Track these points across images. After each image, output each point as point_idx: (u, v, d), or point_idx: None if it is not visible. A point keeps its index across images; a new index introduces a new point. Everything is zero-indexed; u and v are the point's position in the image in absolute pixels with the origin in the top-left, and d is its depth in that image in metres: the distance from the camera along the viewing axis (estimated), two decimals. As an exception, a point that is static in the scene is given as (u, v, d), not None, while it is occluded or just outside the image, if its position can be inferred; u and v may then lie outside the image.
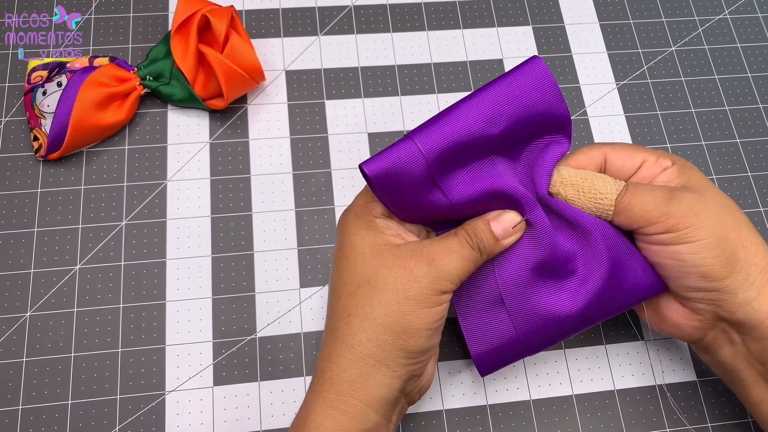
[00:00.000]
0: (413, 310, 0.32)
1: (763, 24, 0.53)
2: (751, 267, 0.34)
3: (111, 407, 0.39)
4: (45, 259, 0.42)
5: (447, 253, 0.33)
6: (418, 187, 0.33)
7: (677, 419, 0.41)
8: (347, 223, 0.35)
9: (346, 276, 0.34)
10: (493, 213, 0.35)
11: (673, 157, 0.37)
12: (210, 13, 0.45)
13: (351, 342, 0.32)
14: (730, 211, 0.35)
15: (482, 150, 0.34)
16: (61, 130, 0.43)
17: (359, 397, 0.32)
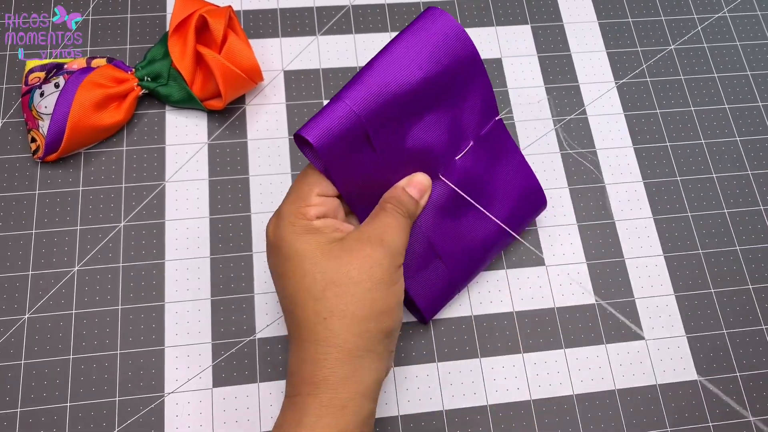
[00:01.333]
0: (383, 291, 0.33)
1: (763, 22, 0.53)
2: None
3: (110, 409, 0.39)
4: (43, 260, 0.42)
5: (389, 230, 0.35)
6: (355, 148, 0.34)
7: (678, 419, 0.41)
8: (283, 232, 0.34)
9: (304, 282, 0.33)
10: (404, 179, 0.38)
11: None
12: (208, 13, 0.45)
13: (336, 342, 0.32)
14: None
15: (409, 105, 0.36)
16: (58, 132, 0.43)
17: (355, 390, 0.33)
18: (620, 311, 0.44)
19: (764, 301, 0.45)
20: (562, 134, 0.48)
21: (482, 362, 0.42)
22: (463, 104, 0.38)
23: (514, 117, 0.48)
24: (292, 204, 0.35)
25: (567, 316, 0.43)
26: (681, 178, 0.48)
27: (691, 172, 0.48)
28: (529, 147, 0.48)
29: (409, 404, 0.40)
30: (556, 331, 0.43)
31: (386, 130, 0.35)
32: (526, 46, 0.51)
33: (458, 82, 0.37)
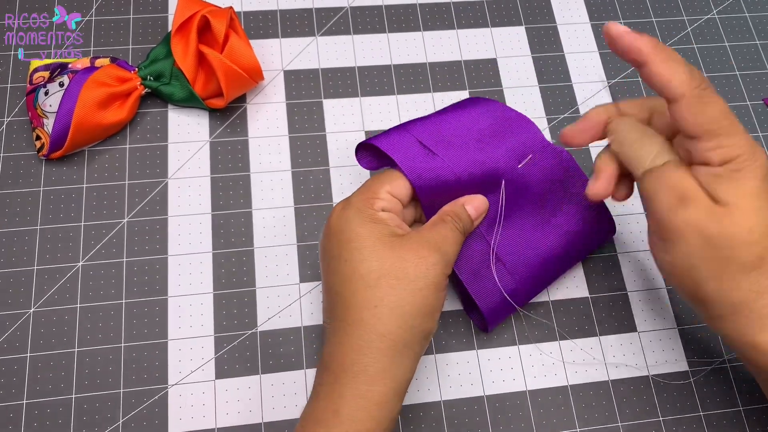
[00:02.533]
0: (433, 294, 0.35)
1: (750, 23, 0.55)
2: (719, 300, 0.34)
3: (114, 401, 0.40)
4: (48, 256, 0.43)
5: (446, 240, 0.37)
6: (422, 154, 0.39)
7: (670, 409, 0.42)
8: (349, 216, 0.36)
9: (361, 268, 0.35)
10: (465, 198, 0.40)
11: (735, 154, 0.33)
12: (209, 14, 0.46)
13: (381, 331, 0.34)
14: (731, 246, 0.33)
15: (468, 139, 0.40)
16: (63, 130, 0.44)
17: (390, 385, 0.34)
18: (613, 304, 0.45)
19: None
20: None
21: (478, 354, 0.43)
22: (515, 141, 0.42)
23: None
24: (362, 194, 0.37)
25: (561, 309, 0.44)
26: (672, 175, 0.49)
27: (681, 169, 0.49)
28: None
29: (451, 390, 0.41)
30: (551, 326, 0.44)
31: (447, 144, 0.39)
32: (520, 47, 0.52)
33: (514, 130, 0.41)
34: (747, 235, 0.33)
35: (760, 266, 0.33)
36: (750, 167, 0.33)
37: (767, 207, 0.33)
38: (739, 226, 0.33)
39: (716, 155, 0.33)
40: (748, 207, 0.33)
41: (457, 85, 0.50)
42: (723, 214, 0.33)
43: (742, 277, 0.33)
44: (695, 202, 0.33)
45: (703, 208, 0.33)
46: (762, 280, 0.33)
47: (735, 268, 0.33)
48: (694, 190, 0.33)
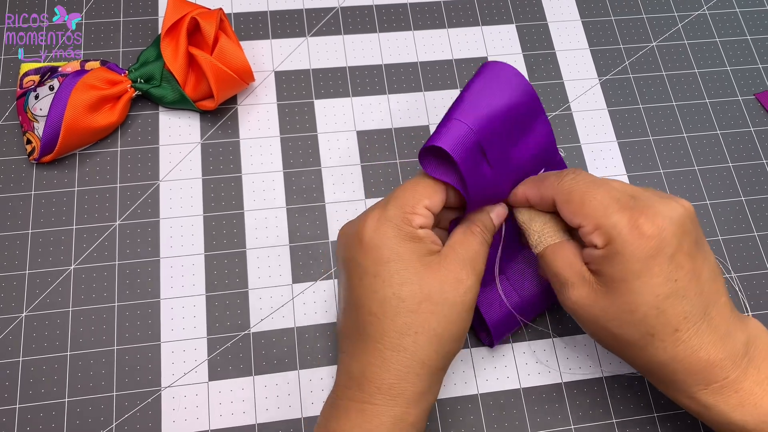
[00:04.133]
0: (467, 316, 0.35)
1: (741, 19, 0.55)
2: (630, 363, 0.36)
3: (107, 404, 0.40)
4: (40, 260, 0.43)
5: (478, 257, 0.36)
6: (477, 161, 0.36)
7: (665, 404, 0.42)
8: (387, 234, 0.34)
9: (403, 291, 0.33)
10: (490, 206, 0.38)
11: (613, 236, 0.33)
12: (199, 15, 0.45)
13: (422, 358, 0.33)
14: (618, 325, 0.34)
15: (503, 125, 0.37)
16: (53, 133, 0.44)
17: (424, 407, 0.34)
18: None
19: (748, 288, 0.46)
20: None
21: (472, 352, 0.43)
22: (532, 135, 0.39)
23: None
24: (400, 208, 0.35)
25: (555, 306, 0.44)
26: (664, 171, 0.49)
27: (673, 165, 0.49)
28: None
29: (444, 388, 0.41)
30: (545, 323, 0.44)
31: (494, 146, 0.36)
32: (511, 45, 0.52)
33: (527, 118, 0.39)
34: (629, 316, 0.33)
35: (651, 342, 0.33)
36: (629, 249, 0.32)
37: (651, 286, 0.33)
38: (619, 307, 0.33)
39: (597, 239, 0.34)
40: (629, 288, 0.33)
41: (449, 84, 0.50)
42: (603, 296, 0.34)
43: (637, 352, 0.34)
44: (575, 287, 0.35)
45: (584, 292, 0.35)
46: (659, 354, 0.34)
47: (627, 344, 0.34)
48: (572, 275, 0.35)
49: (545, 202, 0.36)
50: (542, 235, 0.37)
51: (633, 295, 0.33)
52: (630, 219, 0.33)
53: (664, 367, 0.34)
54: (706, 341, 0.33)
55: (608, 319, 0.34)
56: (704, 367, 0.33)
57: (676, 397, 0.35)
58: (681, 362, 0.33)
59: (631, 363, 0.36)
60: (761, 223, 0.48)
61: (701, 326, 0.33)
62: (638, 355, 0.34)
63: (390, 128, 0.49)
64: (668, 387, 0.35)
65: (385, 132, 0.48)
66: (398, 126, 0.49)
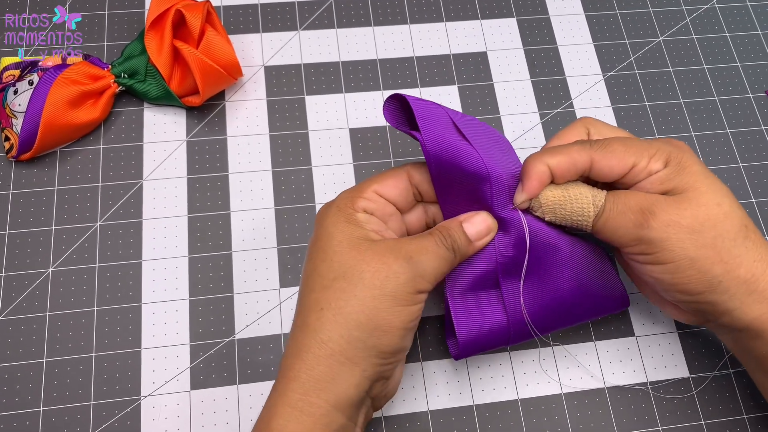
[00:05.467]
0: (389, 306, 0.32)
1: (752, 12, 0.53)
2: (731, 281, 0.33)
3: (84, 413, 0.38)
4: (17, 261, 0.41)
5: (423, 252, 0.33)
6: (450, 129, 0.35)
7: (670, 417, 0.40)
8: (327, 214, 0.34)
9: (321, 267, 0.33)
10: (465, 215, 0.36)
11: (668, 155, 0.35)
12: (184, 8, 0.44)
13: (321, 337, 0.31)
14: (712, 225, 0.33)
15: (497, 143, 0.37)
16: (32, 130, 0.42)
17: (325, 398, 0.31)
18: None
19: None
20: None
21: (467, 361, 0.41)
22: None
23: (499, 111, 0.47)
24: (349, 193, 0.35)
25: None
26: (670, 172, 0.47)
27: (680, 165, 0.47)
28: (515, 141, 0.47)
29: (438, 399, 0.39)
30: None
31: (471, 131, 0.36)
32: (512, 40, 0.50)
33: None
34: (718, 209, 0.34)
35: (747, 234, 0.34)
36: (685, 157, 0.35)
37: (718, 182, 0.35)
38: (706, 204, 0.34)
39: (656, 163, 0.35)
40: (704, 186, 0.34)
41: (446, 80, 0.48)
42: (687, 201, 0.34)
43: (740, 250, 0.34)
44: (657, 206, 0.34)
45: (668, 206, 0.34)
46: (758, 248, 0.34)
47: (728, 244, 0.33)
48: (648, 198, 0.34)
49: (577, 168, 0.35)
50: (594, 192, 0.35)
51: (713, 191, 0.34)
52: (668, 142, 0.36)
53: (766, 266, 0.34)
54: (761, 242, 0.35)
55: (702, 222, 0.33)
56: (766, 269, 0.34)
57: (752, 312, 0.33)
58: (760, 261, 0.34)
59: (735, 279, 0.33)
60: (773, 226, 0.45)
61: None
62: (741, 258, 0.33)
63: (384, 126, 0.47)
64: (764, 299, 0.33)
65: (379, 130, 0.46)
66: (393, 123, 0.47)
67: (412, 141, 0.46)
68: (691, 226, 0.33)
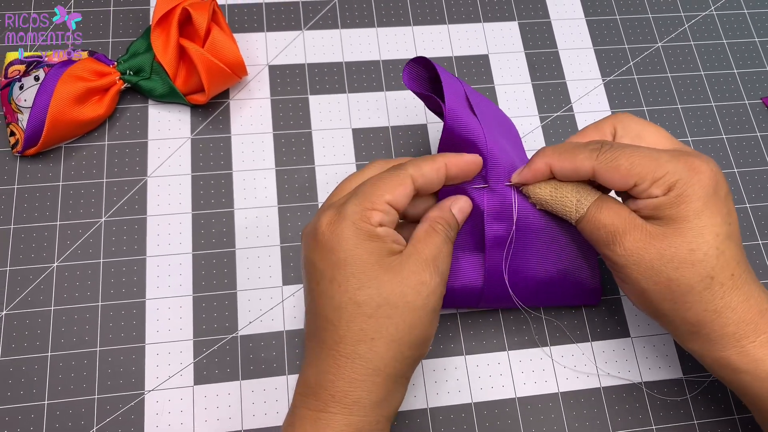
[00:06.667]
0: (431, 320, 0.33)
1: (749, 20, 0.53)
2: (677, 319, 0.34)
3: (88, 407, 0.38)
4: (21, 256, 0.41)
5: (441, 255, 0.34)
6: (459, 95, 0.37)
7: (663, 416, 0.41)
8: (344, 233, 0.32)
9: (359, 296, 0.32)
10: (450, 199, 0.37)
11: (674, 182, 0.33)
12: (191, 6, 0.44)
13: (378, 365, 0.32)
14: (674, 267, 0.33)
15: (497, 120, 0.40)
16: (38, 125, 0.42)
17: (384, 414, 0.33)
18: (605, 308, 0.43)
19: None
20: None
21: (466, 359, 0.41)
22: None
23: (500, 113, 0.48)
24: (359, 204, 0.33)
25: (552, 313, 0.43)
26: (667, 176, 0.47)
27: (677, 170, 0.48)
28: (516, 144, 0.47)
29: (438, 397, 0.40)
30: (542, 330, 0.42)
31: (481, 109, 0.38)
32: (513, 43, 0.51)
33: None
34: (688, 255, 0.33)
35: (710, 286, 0.33)
36: (691, 188, 0.33)
37: (713, 224, 0.33)
38: (678, 246, 0.33)
39: (656, 189, 0.33)
40: (688, 227, 0.33)
41: (448, 81, 0.49)
42: (662, 236, 0.33)
43: (693, 298, 0.33)
44: (628, 233, 0.34)
45: (639, 236, 0.33)
46: (716, 300, 0.33)
47: (683, 289, 0.33)
48: (624, 221, 0.34)
49: (578, 174, 0.35)
50: (581, 195, 0.36)
51: (694, 234, 0.33)
52: (685, 163, 0.33)
53: (718, 317, 0.33)
54: (754, 289, 0.33)
55: (665, 262, 0.33)
56: (755, 315, 0.33)
57: (722, 357, 0.33)
58: (735, 310, 0.33)
59: (680, 318, 0.34)
60: (766, 230, 0.46)
61: (748, 274, 0.34)
62: (693, 304, 0.33)
63: (387, 126, 0.47)
64: (715, 344, 0.33)
65: (381, 130, 0.47)
66: (395, 124, 0.47)
67: (413, 141, 0.47)
68: (651, 261, 0.33)
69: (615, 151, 0.34)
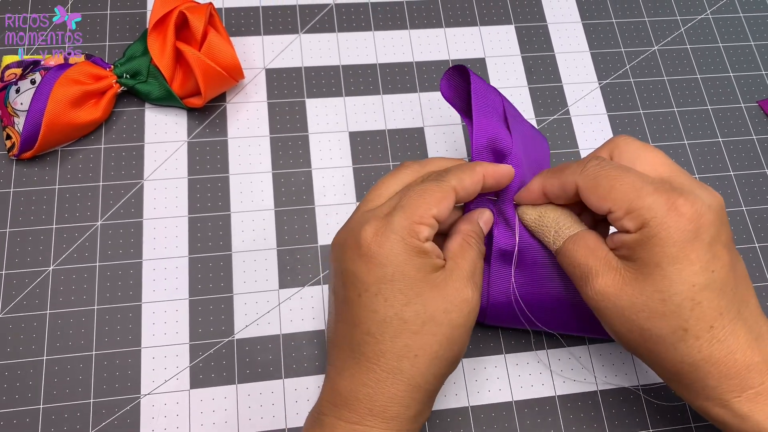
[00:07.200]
0: (468, 337, 0.34)
1: (745, 24, 0.54)
2: (650, 360, 0.33)
3: (84, 412, 0.38)
4: (17, 260, 0.41)
5: (478, 271, 0.34)
6: (497, 110, 0.38)
7: (660, 420, 0.41)
8: (393, 249, 0.31)
9: (406, 312, 0.31)
10: (477, 212, 0.37)
11: (648, 219, 0.31)
12: (187, 10, 0.44)
13: (419, 382, 0.32)
14: (646, 317, 0.31)
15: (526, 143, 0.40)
16: (34, 128, 0.42)
17: (417, 426, 0.33)
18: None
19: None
20: None
21: (463, 363, 0.41)
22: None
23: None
24: (408, 219, 0.32)
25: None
26: (664, 179, 0.48)
27: (673, 173, 0.48)
28: (513, 147, 0.47)
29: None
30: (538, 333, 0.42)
31: (516, 127, 0.38)
32: (509, 46, 0.51)
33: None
34: (660, 306, 0.30)
35: (683, 338, 0.31)
36: (665, 231, 0.30)
37: (690, 271, 0.30)
38: (649, 296, 0.31)
39: (629, 223, 0.31)
40: (663, 274, 0.30)
41: (445, 85, 0.49)
42: (634, 282, 0.31)
43: (666, 349, 0.31)
44: (601, 275, 0.32)
45: (610, 279, 0.32)
46: (692, 353, 0.31)
47: (655, 339, 0.31)
48: (598, 262, 0.32)
49: (566, 192, 0.34)
50: (559, 227, 0.35)
51: (667, 282, 0.30)
52: (667, 200, 0.30)
53: (695, 370, 0.31)
54: (742, 342, 0.30)
55: (636, 311, 0.31)
56: (740, 370, 0.30)
57: (704, 407, 0.32)
58: (715, 364, 0.30)
59: (658, 366, 0.32)
60: (762, 234, 0.46)
61: (736, 325, 0.31)
62: (667, 355, 0.31)
63: (384, 129, 0.47)
64: (697, 395, 0.32)
65: (378, 133, 0.47)
66: (392, 127, 0.47)
67: (410, 144, 0.47)
68: (623, 309, 0.31)
69: (600, 169, 0.32)
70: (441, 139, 0.47)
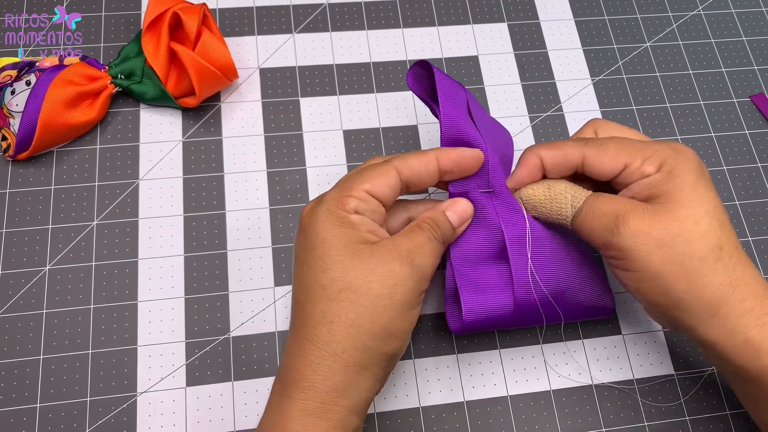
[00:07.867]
0: (399, 314, 0.32)
1: (737, 19, 0.54)
2: (693, 301, 0.33)
3: (81, 410, 0.38)
4: (14, 260, 0.41)
5: (422, 251, 0.33)
6: (460, 101, 0.38)
7: (655, 413, 0.41)
8: (317, 217, 0.33)
9: (323, 278, 0.32)
10: (446, 202, 0.37)
11: (663, 159, 0.34)
12: (181, 10, 0.44)
13: (335, 349, 0.31)
14: (684, 241, 0.32)
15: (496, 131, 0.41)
16: (29, 129, 0.42)
17: (343, 404, 0.32)
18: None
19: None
20: None
21: (458, 358, 0.41)
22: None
23: (490, 114, 0.48)
24: (337, 191, 0.34)
25: (544, 311, 0.43)
26: (657, 174, 0.48)
27: (666, 168, 0.48)
28: (506, 143, 0.48)
29: (430, 396, 0.40)
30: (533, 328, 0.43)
31: (480, 119, 0.38)
32: (502, 44, 0.51)
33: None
34: (694, 226, 0.33)
35: (720, 257, 0.33)
36: (682, 164, 0.34)
37: (708, 197, 0.34)
38: (682, 219, 0.33)
39: (648, 166, 0.34)
40: (688, 199, 0.33)
41: (438, 83, 0.49)
42: (665, 212, 0.33)
43: (707, 271, 0.32)
44: (631, 213, 0.34)
45: (642, 215, 0.33)
46: (729, 272, 0.32)
47: (696, 264, 0.32)
48: (625, 204, 0.34)
49: (568, 162, 0.36)
50: (575, 191, 0.36)
51: (695, 205, 0.33)
52: (669, 145, 0.35)
53: (734, 291, 0.32)
54: (752, 265, 0.34)
55: (673, 236, 0.32)
56: (765, 289, 0.33)
57: (745, 339, 0.32)
58: (748, 284, 0.32)
59: (695, 298, 0.32)
60: (755, 227, 0.47)
61: (743, 252, 0.34)
62: (708, 279, 0.32)
63: (378, 128, 0.47)
64: (735, 324, 0.32)
65: (372, 132, 0.47)
66: (386, 125, 0.47)
67: (404, 142, 0.47)
68: (660, 238, 0.33)
69: (602, 139, 0.36)
70: (435, 137, 0.47)
